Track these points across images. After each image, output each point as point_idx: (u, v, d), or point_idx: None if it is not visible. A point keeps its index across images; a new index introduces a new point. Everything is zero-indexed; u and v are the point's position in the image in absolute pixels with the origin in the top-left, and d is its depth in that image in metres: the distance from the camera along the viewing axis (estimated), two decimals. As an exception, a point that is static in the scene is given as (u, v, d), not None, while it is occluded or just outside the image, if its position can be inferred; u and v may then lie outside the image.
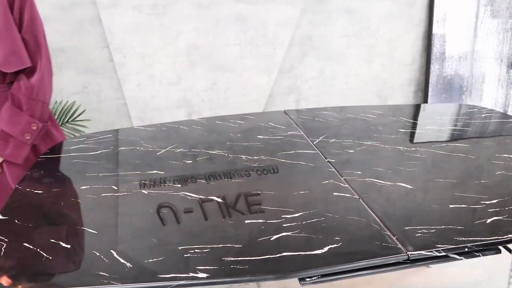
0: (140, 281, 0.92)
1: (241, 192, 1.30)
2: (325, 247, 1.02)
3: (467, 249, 1.02)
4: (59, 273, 0.96)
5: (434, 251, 1.00)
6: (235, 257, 0.99)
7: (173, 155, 1.56)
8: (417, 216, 1.15)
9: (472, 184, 1.32)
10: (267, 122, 1.89)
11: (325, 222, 1.12)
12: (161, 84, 2.86)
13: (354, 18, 3.03)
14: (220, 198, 1.26)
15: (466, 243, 1.03)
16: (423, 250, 1.01)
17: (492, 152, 1.56)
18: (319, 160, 1.50)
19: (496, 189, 1.29)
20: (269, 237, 1.07)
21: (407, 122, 1.89)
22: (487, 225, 1.10)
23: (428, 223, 1.11)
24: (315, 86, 3.13)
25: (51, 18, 2.62)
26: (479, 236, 1.05)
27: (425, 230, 1.08)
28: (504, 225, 1.10)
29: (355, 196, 1.26)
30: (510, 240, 1.05)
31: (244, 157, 1.54)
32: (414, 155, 1.54)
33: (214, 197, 1.27)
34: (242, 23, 2.84)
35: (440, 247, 1.01)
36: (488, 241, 1.04)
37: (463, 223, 1.11)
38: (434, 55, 3.15)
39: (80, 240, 1.07)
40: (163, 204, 1.23)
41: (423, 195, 1.27)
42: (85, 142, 1.71)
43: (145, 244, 1.05)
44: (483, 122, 1.90)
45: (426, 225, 1.10)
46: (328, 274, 0.96)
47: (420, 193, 1.29)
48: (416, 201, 1.25)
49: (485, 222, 1.12)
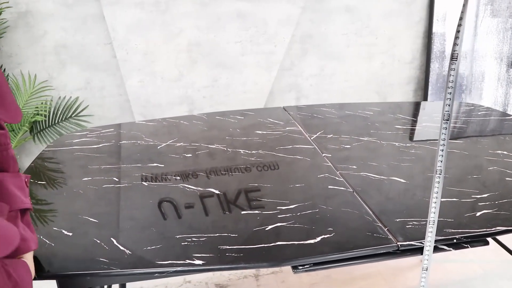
0: (138, 267, 0.96)
1: (238, 185, 1.33)
2: (318, 237, 1.05)
3: (455, 241, 1.05)
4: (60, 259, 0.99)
5: (423, 242, 1.03)
6: (230, 245, 1.03)
7: (173, 149, 1.60)
8: (409, 209, 1.19)
9: (465, 179, 1.35)
10: (266, 118, 1.92)
11: (319, 214, 1.16)
12: (163, 80, 2.89)
13: (354, 16, 3.06)
14: (218, 190, 1.29)
15: (455, 235, 1.06)
16: (412, 241, 1.04)
17: (486, 149, 1.59)
18: (316, 155, 1.53)
19: (488, 184, 1.32)
20: (264, 227, 1.10)
21: (404, 119, 1.92)
22: (477, 218, 1.13)
23: (419, 215, 1.14)
24: (315, 83, 3.16)
25: (55, 15, 2.65)
26: (468, 228, 1.09)
27: (416, 222, 1.12)
28: (493, 218, 1.13)
29: (349, 189, 1.29)
30: (498, 232, 1.08)
31: (243, 151, 1.57)
32: (409, 151, 1.57)
33: (212, 189, 1.30)
34: (243, 20, 2.87)
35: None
36: (476, 233, 1.07)
37: (453, 216, 1.15)
38: (434, 53, 3.17)
39: (82, 228, 1.11)
40: (163, 195, 1.27)
41: (416, 189, 1.30)
42: (87, 136, 1.75)
43: (144, 233, 1.09)
44: (479, 120, 1.93)
45: (417, 218, 1.13)
46: (320, 263, 0.99)
47: (413, 187, 1.32)
48: (409, 194, 1.28)
49: (475, 215, 1.15)
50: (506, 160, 1.47)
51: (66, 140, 1.72)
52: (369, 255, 1.02)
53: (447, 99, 0.92)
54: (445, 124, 0.94)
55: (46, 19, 2.66)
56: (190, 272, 0.97)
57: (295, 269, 0.98)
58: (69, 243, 1.05)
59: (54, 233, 1.08)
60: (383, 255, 1.03)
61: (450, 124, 0.94)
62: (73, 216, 1.17)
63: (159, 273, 0.95)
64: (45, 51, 2.72)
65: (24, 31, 2.65)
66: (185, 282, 2.34)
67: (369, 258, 1.02)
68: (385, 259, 1.03)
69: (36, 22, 2.64)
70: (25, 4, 2.60)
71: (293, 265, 0.99)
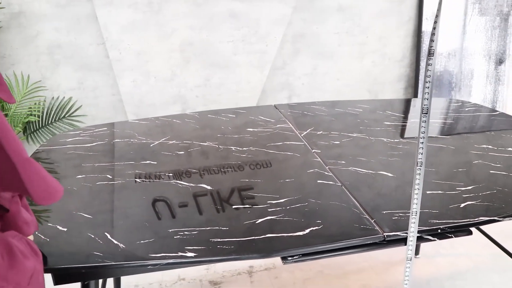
0: (132, 260, 0.98)
1: (230, 181, 1.36)
2: (307, 229, 1.08)
3: (440, 231, 1.09)
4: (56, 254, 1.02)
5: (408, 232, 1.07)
6: (222, 238, 1.05)
7: (166, 147, 1.62)
8: (395, 201, 1.22)
9: (450, 172, 1.39)
10: (258, 116, 1.95)
11: (308, 207, 1.19)
12: (156, 80, 2.91)
13: (346, 15, 3.10)
14: (210, 187, 1.32)
15: (439, 225, 1.10)
16: (398, 232, 1.07)
17: (472, 143, 1.63)
18: (306, 151, 1.56)
19: (472, 176, 1.36)
20: (255, 220, 1.13)
21: (393, 115, 1.95)
22: (460, 209, 1.17)
23: (405, 207, 1.18)
24: (307, 82, 3.19)
25: (48, 16, 2.67)
26: (452, 219, 1.12)
27: (402, 213, 1.15)
28: (477, 209, 1.17)
29: (337, 183, 1.32)
30: (480, 223, 1.11)
31: (234, 148, 1.60)
32: (397, 146, 1.60)
33: (204, 185, 1.33)
34: (236, 20, 2.90)
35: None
36: (460, 224, 1.11)
37: (438, 208, 1.18)
38: (423, 51, 3.21)
39: (76, 224, 1.13)
40: (156, 192, 1.30)
41: (402, 183, 1.34)
42: (81, 135, 1.77)
43: (137, 228, 1.11)
44: (466, 116, 1.97)
45: (403, 209, 1.17)
46: (309, 254, 1.02)
47: (400, 180, 1.35)
48: (395, 188, 1.31)
49: (459, 206, 1.19)
50: (491, 154, 1.51)
51: (59, 139, 1.74)
52: (356, 246, 1.05)
53: (425, 93, 0.95)
54: (424, 117, 0.97)
55: (39, 19, 2.67)
56: (182, 264, 0.99)
57: (285, 260, 1.01)
58: (64, 238, 1.07)
59: (49, 229, 1.11)
60: (370, 246, 1.06)
61: (429, 117, 0.97)
62: (68, 212, 1.19)
63: (152, 265, 0.98)
64: (38, 52, 2.73)
65: (17, 31, 2.66)
66: (179, 280, 2.36)
67: (356, 248, 1.05)
68: (372, 249, 1.07)
69: (29, 22, 2.66)
70: (18, 5, 2.61)
71: (283, 256, 1.02)
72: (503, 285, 2.24)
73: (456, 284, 2.27)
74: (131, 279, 2.34)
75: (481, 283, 2.28)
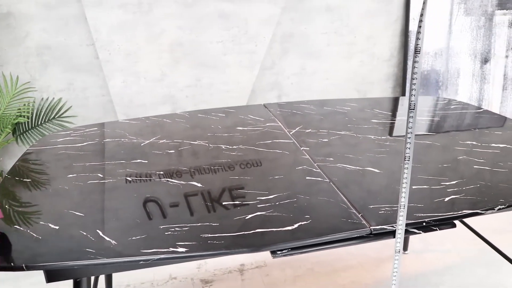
0: (124, 256, 1.00)
1: (220, 178, 1.38)
2: (296, 224, 1.11)
3: (424, 224, 1.12)
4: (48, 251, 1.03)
5: (395, 225, 1.09)
6: (212, 234, 1.07)
7: (156, 146, 1.64)
8: (382, 196, 1.25)
9: (435, 168, 1.42)
10: (247, 115, 1.97)
11: (296, 202, 1.21)
12: (145, 80, 2.92)
13: (334, 15, 3.13)
14: (200, 184, 1.34)
15: (424, 219, 1.13)
16: (385, 225, 1.10)
17: (457, 140, 1.66)
18: (295, 149, 1.59)
19: (457, 171, 1.39)
20: (244, 216, 1.15)
21: (380, 113, 1.99)
22: (445, 203, 1.20)
23: (392, 202, 1.21)
24: (296, 82, 3.22)
25: (37, 16, 2.67)
26: (437, 212, 1.15)
27: (388, 208, 1.18)
28: (460, 203, 1.20)
29: (325, 179, 1.35)
30: (463, 215, 1.14)
31: (224, 146, 1.62)
32: (384, 143, 1.63)
33: (195, 183, 1.35)
34: (225, 20, 2.92)
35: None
36: (444, 217, 1.14)
37: (423, 202, 1.21)
38: (411, 51, 3.26)
39: (68, 222, 1.14)
40: (146, 189, 1.31)
41: (389, 178, 1.37)
42: (71, 135, 1.77)
43: (129, 225, 1.13)
44: (452, 113, 2.01)
45: (390, 204, 1.20)
46: (298, 248, 1.05)
47: (386, 176, 1.38)
48: (382, 183, 1.34)
49: (443, 200, 1.22)
50: (475, 150, 1.55)
51: (50, 139, 1.74)
52: (344, 239, 1.07)
53: (412, 89, 0.98)
54: (411, 113, 1.00)
55: (28, 20, 2.67)
56: (174, 259, 1.01)
57: (274, 254, 1.04)
58: (56, 236, 1.08)
59: (40, 227, 1.12)
60: (357, 239, 1.09)
61: (416, 113, 1.00)
62: (59, 211, 1.20)
63: (144, 261, 0.99)
64: (27, 53, 2.73)
65: (6, 32, 2.65)
66: (171, 279, 2.37)
67: (343, 242, 1.08)
68: (359, 242, 1.09)
69: (18, 23, 2.65)
70: (6, 6, 2.61)
71: (272, 250, 1.04)
72: (489, 279, 2.29)
73: (444, 279, 2.31)
74: (123, 278, 2.35)
75: (468, 277, 2.33)
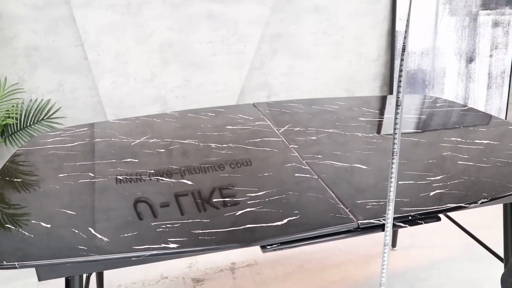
0: (116, 252, 1.01)
1: (210, 176, 1.40)
2: (285, 219, 1.13)
3: (410, 217, 1.15)
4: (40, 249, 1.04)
5: (381, 219, 1.12)
6: (203, 229, 1.09)
7: (146, 145, 1.65)
8: (368, 191, 1.28)
9: (421, 164, 1.46)
10: (237, 114, 1.99)
11: (286, 199, 1.24)
12: (135, 81, 2.93)
13: (322, 16, 3.17)
14: (190, 181, 1.36)
15: (410, 213, 1.16)
16: (372, 219, 1.13)
17: (442, 137, 1.70)
18: (284, 146, 1.61)
19: (442, 167, 1.43)
20: (235, 212, 1.17)
21: (367, 111, 2.02)
22: (430, 197, 1.24)
23: (378, 197, 1.24)
24: (285, 82, 3.25)
25: (25, 17, 2.66)
26: (422, 207, 1.18)
27: (375, 203, 1.21)
28: (445, 197, 1.23)
29: (314, 176, 1.37)
30: (448, 209, 1.18)
31: (214, 145, 1.64)
32: (371, 140, 1.67)
33: (185, 181, 1.37)
34: (214, 21, 2.93)
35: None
36: (429, 211, 1.17)
37: (409, 196, 1.24)
38: (397, 50, 3.31)
39: (60, 220, 1.15)
40: (137, 188, 1.32)
41: (376, 174, 1.40)
42: (61, 135, 1.78)
43: (120, 223, 1.14)
44: (437, 111, 2.05)
45: (376, 199, 1.23)
46: (287, 242, 1.07)
47: (373, 172, 1.41)
48: (369, 179, 1.37)
49: (429, 195, 1.25)
50: (459, 146, 1.59)
51: (40, 140, 1.75)
52: (332, 234, 1.10)
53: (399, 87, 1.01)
54: (398, 109, 1.03)
55: (16, 21, 2.66)
56: (166, 255, 1.03)
57: (264, 249, 1.06)
58: (48, 234, 1.09)
59: (32, 225, 1.13)
60: (345, 233, 1.11)
61: (402, 109, 1.03)
62: (51, 210, 1.21)
63: (136, 257, 1.01)
64: (15, 54, 2.72)
65: (-7, 34, 2.64)
66: (162, 278, 2.38)
67: (332, 236, 1.10)
68: (347, 237, 1.12)
69: (5, 25, 2.64)
70: (-7, 7, 2.60)
71: (262, 244, 1.06)
72: (475, 273, 2.34)
73: (432, 274, 2.35)
74: (114, 278, 2.35)
75: (455, 271, 2.37)
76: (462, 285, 2.26)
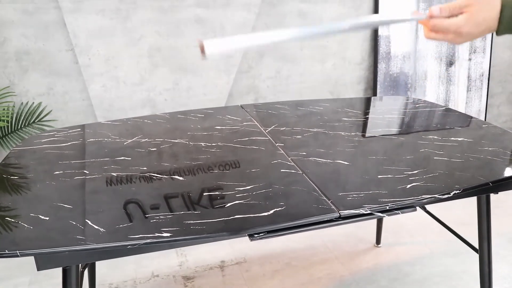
0: (112, 241, 1.08)
1: (200, 172, 1.47)
2: (271, 210, 1.21)
3: (388, 208, 1.23)
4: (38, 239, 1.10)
5: (361, 209, 1.21)
6: (194, 220, 1.16)
7: (138, 144, 1.72)
8: (350, 185, 1.36)
9: (399, 160, 1.55)
10: (225, 115, 2.06)
11: (272, 192, 1.31)
12: (125, 84, 2.99)
13: (307, 20, 3.26)
14: (181, 177, 1.43)
15: (387, 203, 1.24)
16: (352, 209, 1.21)
17: (420, 134, 1.80)
18: (270, 145, 1.69)
19: (418, 162, 1.52)
20: (224, 204, 1.24)
21: (350, 112, 2.11)
22: (407, 190, 1.32)
23: (359, 189, 1.32)
24: (272, 85, 3.33)
25: (16, 22, 2.71)
26: (399, 198, 1.27)
27: (355, 195, 1.29)
28: (421, 189, 1.32)
29: (299, 171, 1.45)
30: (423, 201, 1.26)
31: (203, 144, 1.71)
32: (353, 139, 1.75)
33: (176, 176, 1.43)
34: (201, 26, 3.01)
35: (366, 207, 1.22)
36: (405, 201, 1.26)
37: (387, 189, 1.33)
38: (380, 54, 3.42)
39: (57, 213, 1.21)
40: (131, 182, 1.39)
41: (356, 169, 1.49)
42: (55, 136, 1.83)
43: (115, 214, 1.21)
44: (416, 111, 2.15)
45: (357, 191, 1.31)
46: (273, 231, 1.15)
47: (354, 168, 1.50)
48: (350, 174, 1.46)
49: (405, 187, 1.34)
50: (436, 143, 1.68)
51: (34, 140, 1.80)
52: (315, 223, 1.18)
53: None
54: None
55: (6, 26, 2.71)
56: (159, 244, 1.09)
57: (251, 237, 1.13)
58: (47, 226, 1.15)
59: (31, 218, 1.19)
60: (327, 222, 1.19)
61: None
62: (48, 204, 1.27)
63: (131, 245, 1.07)
64: (5, 58, 2.76)
65: (-15, 38, 2.68)
66: (153, 276, 2.44)
67: (315, 225, 1.18)
68: (329, 226, 1.20)
69: (-4, 29, 2.69)
70: (-15, 12, 2.64)
71: (249, 233, 1.14)
72: (456, 267, 2.44)
73: (415, 269, 2.45)
74: (105, 277, 2.40)
75: (436, 265, 2.47)
76: (443, 278, 2.36)
